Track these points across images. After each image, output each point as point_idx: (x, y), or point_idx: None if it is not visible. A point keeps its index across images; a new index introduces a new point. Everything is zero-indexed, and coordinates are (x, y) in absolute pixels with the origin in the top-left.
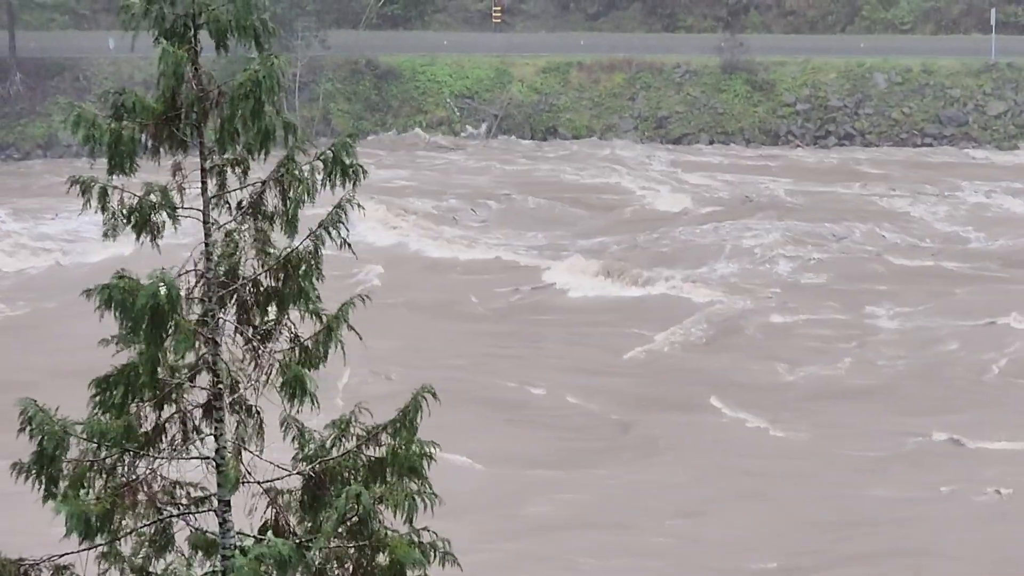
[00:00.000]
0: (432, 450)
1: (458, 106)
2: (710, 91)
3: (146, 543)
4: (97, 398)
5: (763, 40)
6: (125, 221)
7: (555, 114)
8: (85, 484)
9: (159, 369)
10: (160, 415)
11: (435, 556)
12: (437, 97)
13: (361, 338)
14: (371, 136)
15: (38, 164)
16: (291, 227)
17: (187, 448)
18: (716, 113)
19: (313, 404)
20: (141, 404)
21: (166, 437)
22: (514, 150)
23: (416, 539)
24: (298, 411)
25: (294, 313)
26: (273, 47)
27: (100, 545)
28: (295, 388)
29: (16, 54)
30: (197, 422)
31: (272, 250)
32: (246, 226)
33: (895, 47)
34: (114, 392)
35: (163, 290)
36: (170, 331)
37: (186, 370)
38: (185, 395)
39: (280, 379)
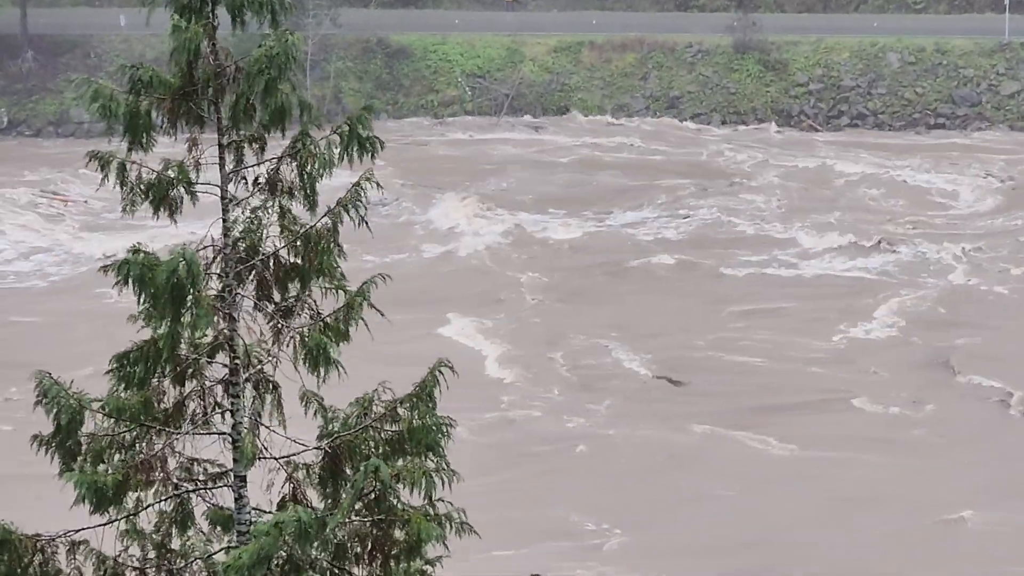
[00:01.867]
0: (449, 425)
1: (469, 85)
2: (722, 71)
3: (167, 519)
4: (118, 374)
5: (776, 19)
6: (143, 197)
7: (567, 93)
8: (104, 459)
9: (182, 345)
10: (180, 391)
11: (451, 527)
12: (448, 76)
13: (383, 315)
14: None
15: (55, 141)
16: (310, 202)
17: (207, 424)
18: (728, 93)
19: (339, 373)
20: (161, 380)
21: (186, 413)
22: (590, 130)
23: (432, 511)
24: (322, 383)
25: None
26: (285, 24)
27: (116, 520)
28: (318, 358)
29: (28, 31)
30: (218, 398)
31: (294, 227)
32: (271, 203)
33: (908, 26)
34: (135, 368)
35: (183, 266)
36: (190, 306)
37: (206, 346)
38: (204, 371)
39: (302, 352)
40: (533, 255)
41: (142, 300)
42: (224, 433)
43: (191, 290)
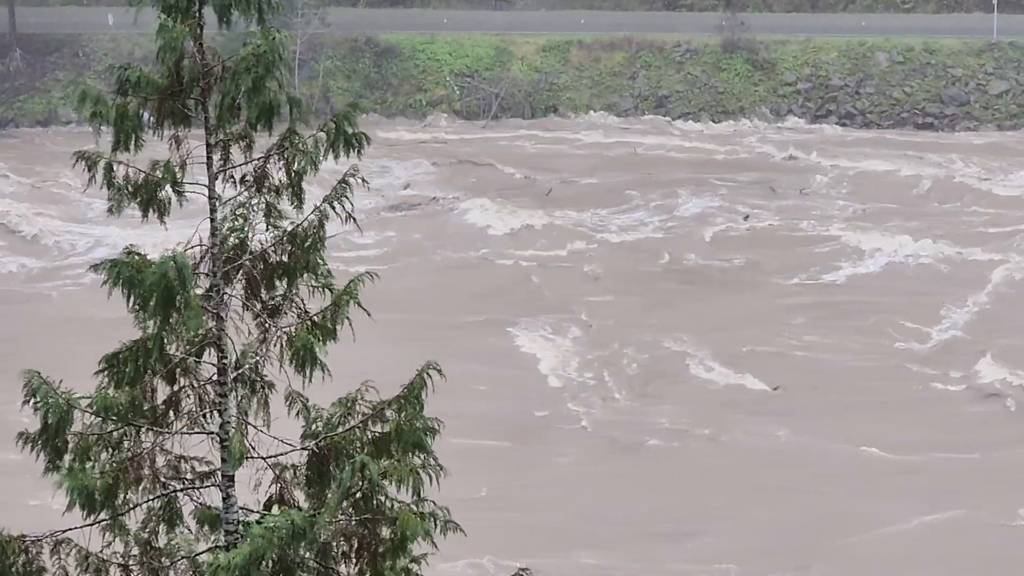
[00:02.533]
0: (437, 425)
1: (458, 85)
2: (711, 70)
3: (153, 518)
4: (106, 374)
5: (764, 19)
6: (131, 197)
7: (555, 93)
8: (91, 458)
9: (171, 345)
10: (171, 390)
11: (436, 525)
12: (437, 75)
13: (369, 314)
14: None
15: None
16: (297, 199)
17: (195, 423)
18: (716, 92)
19: (324, 374)
20: (150, 379)
21: (174, 412)
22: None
23: (417, 509)
24: (307, 383)
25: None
26: (273, 23)
27: (104, 520)
28: (305, 358)
29: (16, 30)
30: (210, 397)
31: (281, 224)
32: (256, 200)
33: (897, 26)
34: (125, 368)
35: (173, 269)
36: (179, 307)
37: (194, 346)
38: (193, 370)
39: (289, 352)
40: (598, 255)
41: (131, 302)
42: (212, 432)
43: (180, 292)
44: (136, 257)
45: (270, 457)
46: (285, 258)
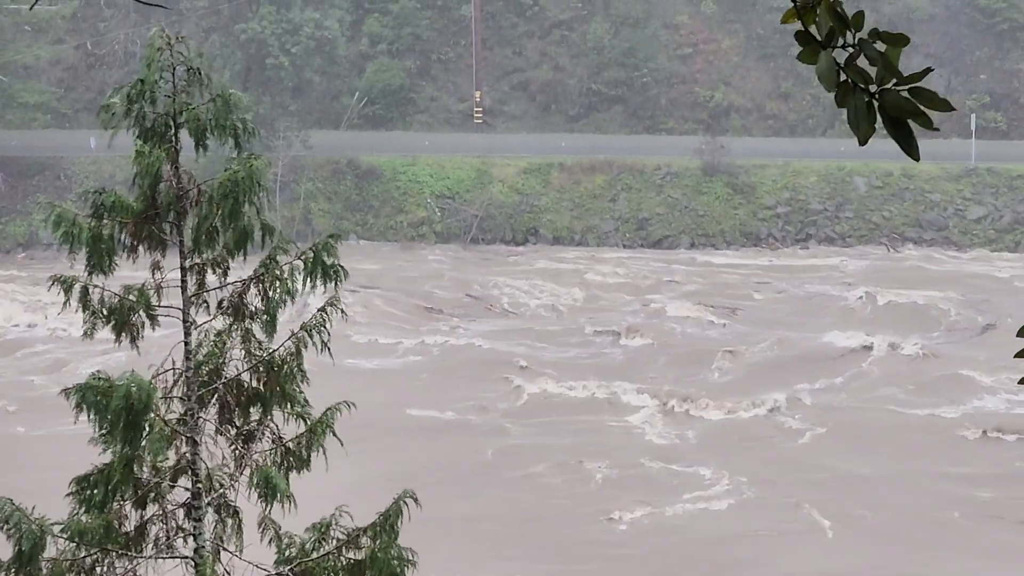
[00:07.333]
0: (412, 556)
1: (438, 206)
2: (691, 193)
3: None
4: (78, 497)
5: (744, 143)
6: (105, 321)
7: (536, 215)
8: None
9: (143, 469)
10: (142, 515)
11: None
12: (418, 197)
13: (343, 444)
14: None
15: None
16: (271, 327)
17: (169, 548)
18: (697, 215)
19: (290, 506)
20: (122, 504)
21: (147, 537)
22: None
23: None
24: (268, 512)
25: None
26: (254, 146)
27: None
28: (265, 490)
29: None
30: (180, 522)
31: (258, 352)
32: (235, 327)
33: (875, 151)
34: (94, 492)
35: (135, 391)
36: (145, 432)
37: (168, 470)
38: (166, 495)
39: (255, 480)
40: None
41: (100, 426)
42: (186, 557)
43: (145, 415)
44: (102, 381)
45: None
46: (260, 386)
